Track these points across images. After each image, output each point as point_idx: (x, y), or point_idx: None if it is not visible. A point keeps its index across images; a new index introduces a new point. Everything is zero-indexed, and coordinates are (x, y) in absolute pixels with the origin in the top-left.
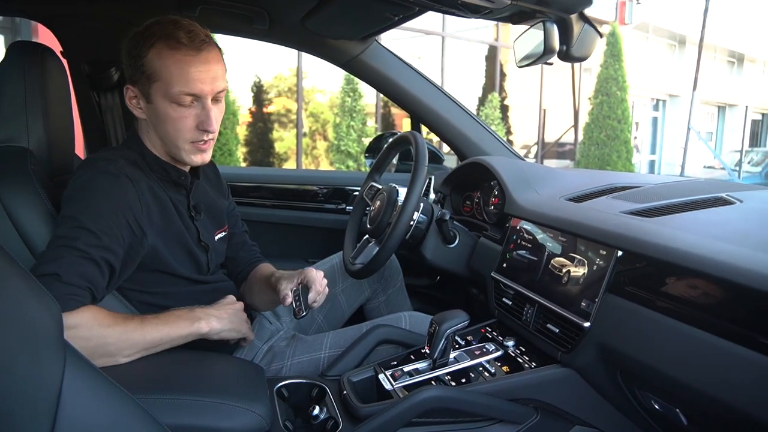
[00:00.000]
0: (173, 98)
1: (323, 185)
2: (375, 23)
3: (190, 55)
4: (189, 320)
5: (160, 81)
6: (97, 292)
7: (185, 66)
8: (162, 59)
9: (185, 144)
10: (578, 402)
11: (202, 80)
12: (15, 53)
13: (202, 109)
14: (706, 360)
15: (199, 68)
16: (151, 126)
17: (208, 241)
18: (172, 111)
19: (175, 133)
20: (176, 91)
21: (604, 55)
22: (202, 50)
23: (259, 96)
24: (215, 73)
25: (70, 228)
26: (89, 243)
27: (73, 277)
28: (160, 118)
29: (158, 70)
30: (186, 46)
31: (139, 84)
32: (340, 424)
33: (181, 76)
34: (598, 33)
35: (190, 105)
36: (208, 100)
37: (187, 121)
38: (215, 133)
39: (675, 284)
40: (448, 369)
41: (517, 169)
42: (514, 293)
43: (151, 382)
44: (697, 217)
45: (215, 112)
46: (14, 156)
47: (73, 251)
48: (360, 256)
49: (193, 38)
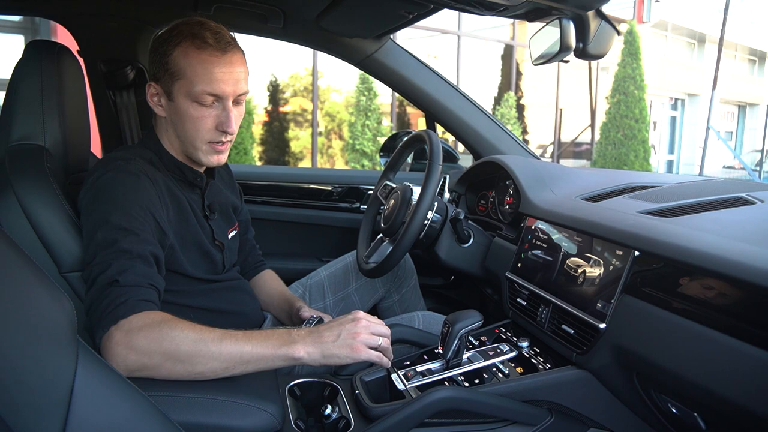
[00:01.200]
0: (195, 97)
1: (337, 184)
2: (389, 21)
3: (215, 56)
4: (279, 341)
5: (183, 79)
6: (159, 286)
7: (210, 66)
8: (187, 58)
9: (203, 144)
10: (593, 404)
11: (225, 81)
12: (32, 52)
13: (222, 110)
14: (725, 363)
15: (223, 69)
16: (171, 124)
17: (223, 240)
18: (193, 110)
19: (195, 132)
20: (199, 90)
21: (622, 54)
22: (227, 52)
23: (275, 95)
24: (238, 75)
25: (108, 231)
26: (132, 242)
27: (132, 278)
28: (180, 116)
29: (183, 69)
30: (212, 47)
31: (162, 81)
32: (352, 423)
33: (204, 76)
34: (616, 30)
35: (211, 105)
36: (230, 102)
37: (207, 121)
38: (233, 135)
39: (693, 285)
40: (461, 369)
41: (533, 169)
42: (529, 293)
43: (163, 381)
44: (716, 217)
45: (235, 113)
46: (31, 154)
47: (121, 254)
48: (374, 255)
49: (219, 39)
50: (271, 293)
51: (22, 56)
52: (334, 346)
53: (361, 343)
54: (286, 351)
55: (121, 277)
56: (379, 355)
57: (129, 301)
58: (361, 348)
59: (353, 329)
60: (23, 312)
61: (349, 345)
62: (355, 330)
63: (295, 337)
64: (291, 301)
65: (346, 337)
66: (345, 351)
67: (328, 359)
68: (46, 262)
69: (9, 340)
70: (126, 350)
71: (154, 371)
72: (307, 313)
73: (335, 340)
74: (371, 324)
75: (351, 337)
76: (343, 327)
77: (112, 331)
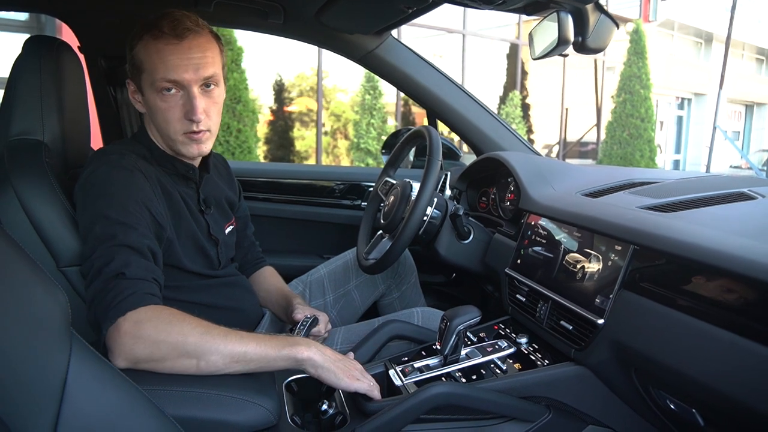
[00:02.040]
0: (158, 87)
1: (339, 181)
2: (389, 17)
3: (171, 44)
4: (283, 341)
5: (146, 71)
6: (161, 280)
7: (166, 54)
8: (146, 49)
9: (178, 135)
10: (592, 401)
11: (182, 67)
12: (31, 47)
13: (187, 98)
14: (724, 359)
15: (180, 55)
16: (149, 119)
17: (218, 235)
18: (160, 101)
19: (165, 124)
20: (159, 78)
21: (628, 53)
22: (184, 38)
23: (280, 95)
24: (198, 60)
25: (106, 225)
26: (131, 236)
27: (138, 272)
28: (151, 109)
29: (143, 61)
30: (167, 35)
31: (134, 77)
32: (348, 419)
33: (161, 64)
34: (615, 24)
35: (175, 94)
36: (194, 89)
37: (174, 111)
38: (202, 121)
39: (692, 281)
40: (459, 365)
41: (533, 165)
42: (528, 290)
43: (158, 374)
44: (717, 212)
45: (202, 100)
46: (29, 148)
47: (122, 248)
48: (373, 251)
49: (176, 26)
50: (270, 289)
51: (22, 51)
52: (333, 363)
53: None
54: (288, 352)
55: (127, 270)
56: (370, 386)
57: (137, 293)
58: (349, 377)
59: (352, 364)
60: (17, 304)
61: (346, 370)
62: (354, 366)
63: (299, 340)
64: (288, 298)
65: (345, 365)
66: (341, 372)
67: (325, 371)
68: (44, 256)
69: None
70: (134, 340)
71: (160, 363)
72: (300, 315)
73: (335, 361)
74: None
75: (348, 368)
76: (345, 358)
77: (120, 322)
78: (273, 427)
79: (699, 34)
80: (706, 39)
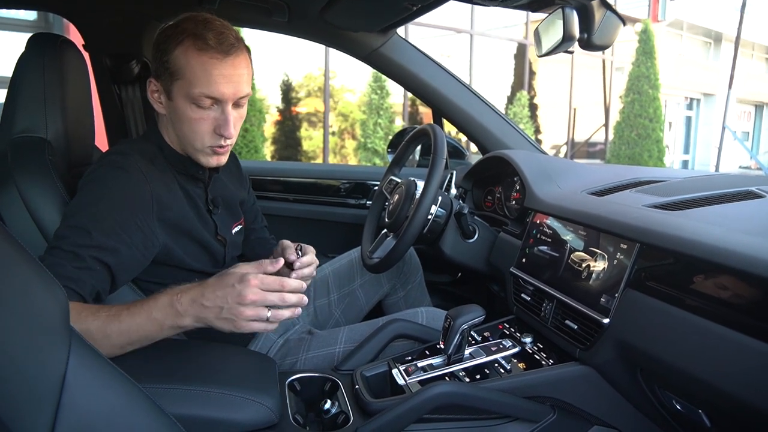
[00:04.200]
0: (193, 99)
1: (344, 180)
2: (393, 14)
3: (216, 58)
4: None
5: (183, 80)
6: (82, 289)
7: (210, 68)
8: (188, 58)
9: (204, 147)
10: (597, 401)
11: (225, 84)
12: (35, 45)
13: (221, 114)
14: (731, 358)
15: (224, 72)
16: (170, 122)
17: (226, 235)
18: (191, 112)
19: (192, 134)
20: (197, 92)
21: (636, 53)
22: (229, 54)
23: (288, 95)
24: (239, 78)
25: (64, 227)
26: (78, 242)
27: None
28: (178, 116)
29: (182, 69)
30: (213, 49)
31: (162, 79)
32: (351, 418)
33: (204, 78)
34: (621, 20)
35: (209, 107)
36: (229, 105)
37: (204, 123)
38: (233, 138)
39: (698, 279)
40: (463, 365)
41: (539, 163)
42: (533, 289)
43: (159, 372)
44: (724, 210)
45: (234, 117)
46: (32, 146)
47: (57, 252)
48: (378, 250)
49: (222, 41)
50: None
51: (25, 49)
52: (216, 320)
53: (244, 321)
54: (171, 324)
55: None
56: (266, 326)
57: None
58: (244, 326)
59: (237, 306)
60: (17, 301)
61: (231, 322)
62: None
63: (178, 309)
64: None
65: (228, 312)
66: (228, 327)
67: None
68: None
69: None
70: None
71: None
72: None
73: (218, 314)
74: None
75: (233, 314)
76: (227, 298)
77: None
78: (274, 425)
79: (708, 34)
80: (715, 39)
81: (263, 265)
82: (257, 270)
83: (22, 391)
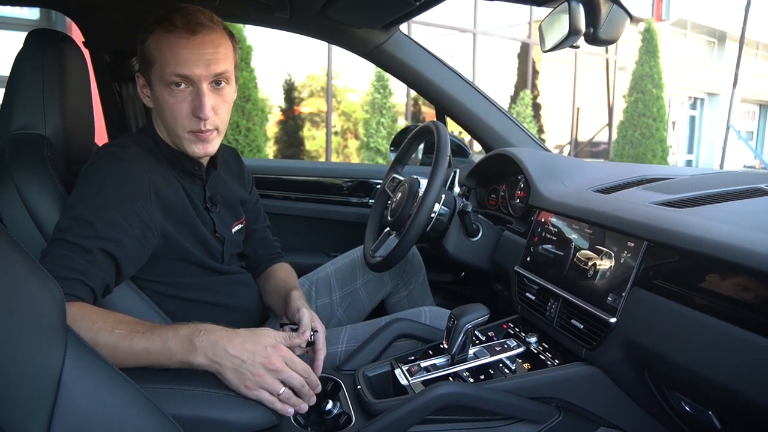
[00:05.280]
0: (167, 81)
1: (347, 178)
2: (396, 10)
3: (183, 38)
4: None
5: (156, 65)
6: (92, 281)
7: (177, 48)
8: (158, 42)
9: (184, 133)
10: (603, 402)
11: (194, 62)
12: (33, 41)
13: (196, 95)
14: (741, 358)
15: (192, 50)
16: (157, 114)
17: (224, 234)
18: (168, 95)
19: (173, 120)
20: (168, 72)
21: (640, 52)
22: (197, 33)
23: (290, 94)
24: (211, 56)
25: (66, 219)
26: (83, 234)
27: (57, 270)
28: (159, 104)
29: (154, 54)
30: (180, 29)
31: (143, 71)
32: (353, 419)
33: (172, 58)
34: (628, 14)
35: (184, 89)
36: (203, 85)
37: (182, 106)
38: (209, 119)
39: (707, 277)
40: (466, 365)
41: (543, 161)
42: (538, 288)
43: (158, 372)
44: (732, 207)
45: (212, 98)
46: (30, 142)
47: (63, 244)
48: (380, 248)
49: (189, 21)
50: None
51: (24, 45)
52: (230, 370)
53: (256, 386)
54: (182, 358)
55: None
56: (273, 399)
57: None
58: (252, 388)
59: (260, 367)
60: (14, 300)
61: (243, 380)
62: (261, 369)
63: (197, 345)
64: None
65: (247, 369)
66: (237, 383)
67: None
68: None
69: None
70: None
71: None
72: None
73: (236, 367)
74: (283, 368)
75: (251, 373)
76: (254, 356)
77: None
78: (275, 426)
79: (712, 33)
80: (719, 38)
81: (291, 337)
82: (286, 341)
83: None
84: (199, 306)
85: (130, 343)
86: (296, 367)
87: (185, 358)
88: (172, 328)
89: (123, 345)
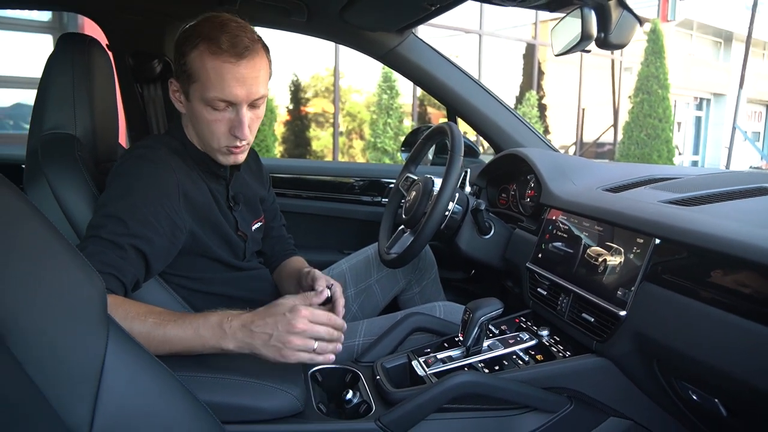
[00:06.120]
0: (208, 102)
1: (359, 177)
2: (412, 14)
3: (229, 62)
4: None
5: (198, 83)
6: (124, 276)
7: (223, 72)
8: (202, 62)
9: (220, 147)
10: (613, 392)
11: (238, 87)
12: (64, 45)
13: (236, 115)
14: (747, 348)
15: (237, 76)
16: (190, 122)
17: (246, 231)
18: (207, 114)
19: (209, 135)
20: (212, 96)
21: (645, 53)
22: (243, 57)
23: (297, 95)
24: (253, 81)
25: (99, 217)
26: (116, 231)
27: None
28: (196, 117)
29: (197, 72)
30: (227, 53)
31: (181, 81)
32: (373, 407)
33: (217, 82)
34: (638, 20)
35: (224, 110)
36: (243, 107)
37: (220, 125)
38: (248, 139)
39: (715, 272)
40: (481, 357)
41: (554, 160)
42: (550, 283)
43: (191, 361)
44: (739, 205)
45: (250, 118)
46: (62, 142)
47: (97, 240)
48: (395, 246)
49: (236, 44)
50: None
51: (55, 48)
52: (263, 347)
53: (291, 350)
54: (215, 344)
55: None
56: (311, 356)
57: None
58: (290, 355)
59: (286, 334)
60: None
61: (278, 350)
62: (288, 335)
63: (227, 331)
64: (299, 274)
65: (277, 340)
66: (274, 355)
67: (259, 355)
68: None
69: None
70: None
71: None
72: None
73: (266, 341)
74: (307, 326)
75: (282, 342)
76: (277, 326)
77: None
78: (300, 413)
79: (718, 33)
80: (725, 38)
81: (308, 297)
82: (303, 302)
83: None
84: (220, 299)
85: (163, 331)
86: (318, 319)
87: (217, 344)
88: (202, 316)
89: (156, 333)
